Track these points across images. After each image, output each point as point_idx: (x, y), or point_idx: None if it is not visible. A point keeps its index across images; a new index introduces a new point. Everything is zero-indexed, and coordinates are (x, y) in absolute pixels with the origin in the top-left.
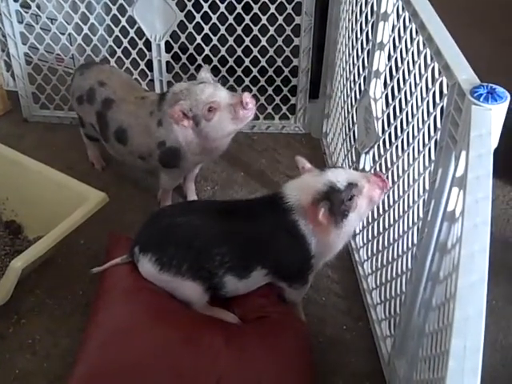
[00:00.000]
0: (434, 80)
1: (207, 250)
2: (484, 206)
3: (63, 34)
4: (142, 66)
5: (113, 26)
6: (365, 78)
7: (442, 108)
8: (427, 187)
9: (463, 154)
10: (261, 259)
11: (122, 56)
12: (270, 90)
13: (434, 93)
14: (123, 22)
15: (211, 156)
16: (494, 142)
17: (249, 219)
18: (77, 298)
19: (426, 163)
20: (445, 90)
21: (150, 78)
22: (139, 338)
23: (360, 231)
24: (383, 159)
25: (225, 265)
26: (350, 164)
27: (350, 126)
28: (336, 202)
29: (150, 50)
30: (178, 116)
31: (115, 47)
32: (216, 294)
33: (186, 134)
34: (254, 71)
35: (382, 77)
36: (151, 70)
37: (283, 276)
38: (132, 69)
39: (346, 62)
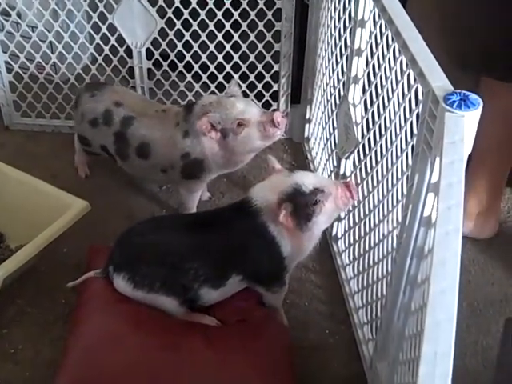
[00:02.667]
0: (409, 86)
1: (180, 265)
2: (456, 213)
3: (44, 41)
4: (124, 73)
5: (93, 34)
6: (344, 83)
7: (417, 114)
8: (405, 192)
9: (437, 160)
10: (235, 266)
11: (104, 63)
12: (251, 96)
13: (410, 99)
14: (104, 29)
15: (233, 168)
16: (467, 148)
17: (219, 228)
18: (59, 307)
19: (404, 168)
20: (420, 97)
21: (131, 85)
22: (119, 347)
23: (342, 235)
24: (363, 164)
25: (199, 278)
26: (331, 169)
27: (331, 131)
28: (300, 204)
29: (131, 57)
30: (207, 127)
31: (96, 55)
32: (193, 305)
33: (213, 146)
34: (236, 77)
35: (361, 82)
36: (133, 77)
37: (259, 280)
38: (113, 76)
39: (325, 67)
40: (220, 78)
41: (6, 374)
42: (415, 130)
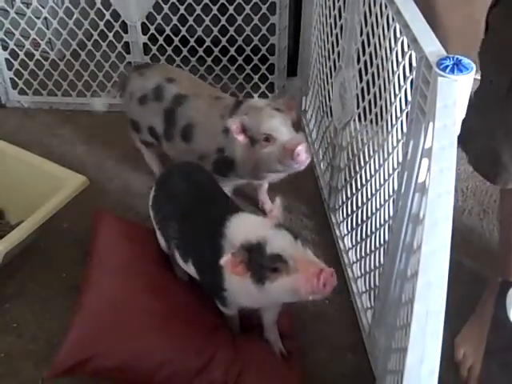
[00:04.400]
0: (403, 53)
1: (167, 218)
2: (448, 176)
3: (39, 18)
4: (119, 48)
5: (88, 9)
6: (339, 54)
7: (412, 81)
8: (401, 160)
9: (431, 125)
10: (191, 253)
11: (99, 39)
12: (248, 69)
13: (404, 66)
14: (98, 4)
15: (259, 181)
16: (460, 112)
17: (203, 213)
18: (61, 281)
19: (399, 136)
20: (414, 63)
21: (127, 60)
22: (134, 307)
23: (340, 206)
24: (359, 134)
25: (173, 240)
26: (328, 141)
27: (327, 102)
28: (255, 261)
29: (126, 32)
30: (237, 128)
31: (91, 30)
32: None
33: (244, 150)
34: (232, 51)
35: (356, 52)
36: (129, 52)
37: (203, 283)
38: (109, 52)
39: (321, 38)
40: (216, 51)
41: (8, 347)
42: (410, 98)
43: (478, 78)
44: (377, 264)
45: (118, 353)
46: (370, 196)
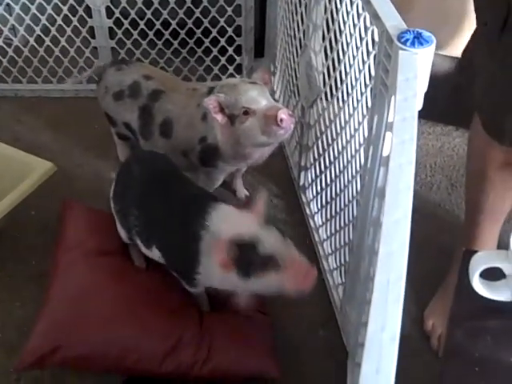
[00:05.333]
0: (366, 29)
1: (129, 206)
2: (409, 147)
3: (0, 4)
4: (84, 33)
5: None
6: (304, 32)
7: (375, 56)
8: (366, 136)
9: (393, 99)
10: (156, 238)
11: (63, 24)
12: (215, 51)
13: (367, 42)
14: None
15: (245, 163)
16: (422, 85)
17: (168, 197)
18: (30, 269)
19: (365, 112)
20: (376, 39)
21: (93, 45)
22: (100, 297)
23: (309, 184)
24: (326, 112)
25: (135, 227)
26: (297, 119)
27: (294, 81)
28: (245, 259)
29: (90, 16)
30: (214, 108)
31: (55, 15)
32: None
33: (224, 133)
34: (198, 33)
35: (320, 30)
36: (94, 37)
37: (171, 266)
38: (74, 37)
39: (286, 17)
40: (182, 34)
41: None
42: (373, 73)
43: (439, 52)
44: (347, 240)
45: (85, 342)
46: (338, 173)
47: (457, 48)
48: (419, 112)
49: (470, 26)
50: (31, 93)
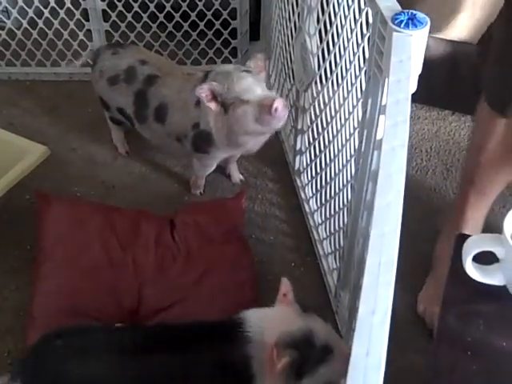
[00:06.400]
0: (360, 11)
1: None
2: (402, 130)
3: None
4: (78, 15)
5: None
6: (299, 14)
7: (369, 39)
8: (360, 119)
9: (387, 81)
10: None
11: (56, 6)
12: (210, 34)
13: (362, 24)
14: None
15: (239, 151)
16: (416, 67)
17: (175, 350)
18: (25, 254)
19: (359, 95)
20: (370, 20)
21: (87, 27)
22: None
23: (304, 169)
24: (321, 95)
25: None
26: (291, 103)
27: (289, 64)
28: (302, 358)
29: None
30: (207, 96)
31: None
32: None
33: (217, 120)
34: (193, 15)
35: (315, 13)
36: (87, 19)
37: None
38: (67, 19)
39: (281, 0)
40: (177, 17)
41: None
42: (367, 55)
43: (433, 35)
44: (341, 225)
45: None
46: (332, 157)
47: (452, 31)
48: (415, 96)
49: (466, 8)
50: (25, 76)
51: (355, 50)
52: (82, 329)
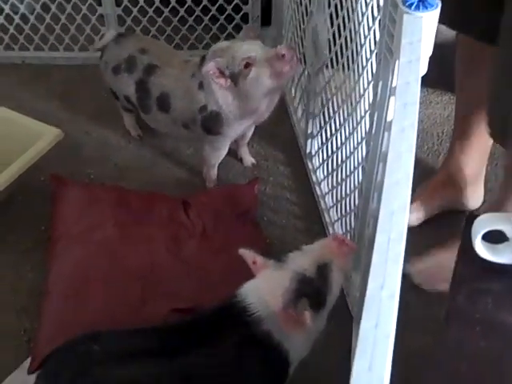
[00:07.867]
0: None
1: None
2: (412, 110)
3: None
4: (90, 0)
5: None
6: None
7: (380, 22)
8: (371, 101)
9: (397, 63)
10: None
11: None
12: (221, 19)
13: (373, 7)
14: None
15: (254, 120)
16: (427, 49)
17: (199, 351)
18: (39, 234)
19: (370, 78)
20: (381, 3)
21: (99, 12)
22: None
23: (316, 152)
24: (332, 79)
25: None
26: (303, 87)
27: (301, 49)
28: (313, 293)
29: None
30: (214, 73)
31: None
32: None
33: (226, 96)
34: (205, 0)
35: None
36: (100, 4)
37: None
38: (80, 4)
39: None
40: (189, 1)
41: None
42: (378, 38)
43: None
44: (352, 207)
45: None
46: (344, 140)
47: None
48: (426, 80)
49: None
50: (38, 60)
51: (366, 33)
52: (116, 332)
